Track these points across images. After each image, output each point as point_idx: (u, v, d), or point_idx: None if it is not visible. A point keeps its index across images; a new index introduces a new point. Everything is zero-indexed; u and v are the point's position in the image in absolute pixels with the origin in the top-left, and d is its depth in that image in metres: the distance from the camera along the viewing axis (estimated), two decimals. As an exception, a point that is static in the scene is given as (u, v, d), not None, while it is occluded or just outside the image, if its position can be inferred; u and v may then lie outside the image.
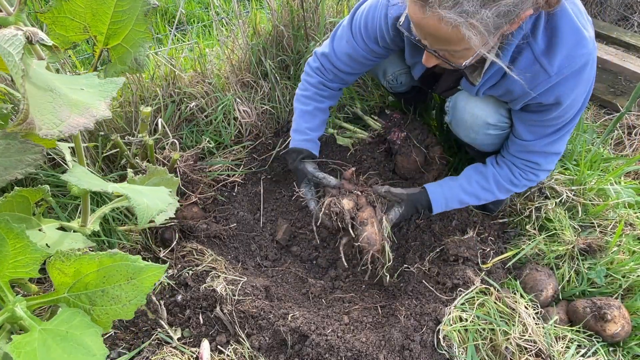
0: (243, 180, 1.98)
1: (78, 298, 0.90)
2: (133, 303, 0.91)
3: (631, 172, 1.99)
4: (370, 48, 1.52)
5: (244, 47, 2.17)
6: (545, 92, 1.23)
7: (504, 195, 1.56)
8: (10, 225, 0.82)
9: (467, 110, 1.47)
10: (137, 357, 1.33)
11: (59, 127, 0.68)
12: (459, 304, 1.44)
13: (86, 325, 0.85)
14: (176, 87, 2.01)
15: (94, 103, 0.74)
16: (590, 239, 1.61)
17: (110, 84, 0.82)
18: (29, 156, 0.91)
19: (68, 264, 0.87)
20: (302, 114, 1.75)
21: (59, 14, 0.94)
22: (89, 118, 0.71)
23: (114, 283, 0.90)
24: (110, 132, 1.81)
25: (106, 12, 0.97)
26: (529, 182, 1.50)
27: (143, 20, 0.99)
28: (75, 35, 0.98)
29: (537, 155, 1.42)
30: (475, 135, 1.51)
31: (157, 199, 1.05)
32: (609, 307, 1.40)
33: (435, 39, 1.09)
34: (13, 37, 0.68)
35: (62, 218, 1.52)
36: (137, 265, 0.91)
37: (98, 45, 1.00)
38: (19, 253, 0.85)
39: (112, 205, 1.35)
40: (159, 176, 1.51)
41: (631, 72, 2.38)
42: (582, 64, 1.19)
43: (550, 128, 1.34)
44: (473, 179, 1.55)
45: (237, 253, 1.72)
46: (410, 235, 1.75)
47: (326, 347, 1.31)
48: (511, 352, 1.33)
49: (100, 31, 0.99)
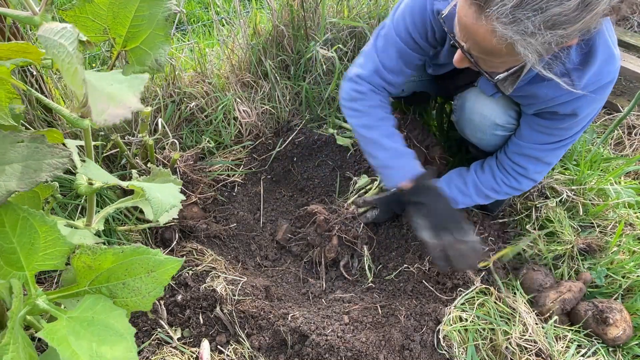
0: (243, 180, 1.98)
1: (99, 291, 0.93)
2: (152, 295, 0.95)
3: (631, 172, 1.99)
4: (419, 46, 1.39)
5: (244, 47, 2.17)
6: (565, 103, 1.22)
7: (484, 201, 1.54)
8: (44, 219, 0.85)
9: (476, 110, 1.45)
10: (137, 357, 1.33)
11: (102, 116, 0.71)
12: (459, 304, 1.44)
13: (110, 309, 0.88)
14: (176, 87, 2.02)
15: (127, 96, 0.77)
16: (590, 239, 1.61)
17: (137, 80, 0.85)
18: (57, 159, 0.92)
19: (94, 257, 0.90)
20: (382, 137, 1.47)
21: (81, 13, 0.96)
22: (126, 109, 0.74)
23: (135, 275, 0.93)
24: (110, 132, 1.81)
25: (127, 16, 0.98)
26: (511, 190, 1.48)
27: (163, 24, 1.01)
28: (95, 36, 1.00)
29: (528, 160, 1.40)
30: (482, 136, 1.49)
31: (169, 195, 1.08)
32: (611, 311, 1.39)
33: (478, 47, 1.04)
34: (63, 30, 0.71)
35: (63, 218, 1.52)
36: (157, 258, 0.94)
37: (116, 47, 1.02)
38: (49, 246, 0.88)
39: (117, 205, 1.36)
40: (163, 177, 1.51)
41: (631, 72, 2.38)
42: (608, 81, 1.18)
43: (554, 137, 1.33)
44: (453, 183, 1.55)
45: (237, 253, 1.72)
46: (410, 235, 1.75)
47: (326, 347, 1.32)
48: (511, 352, 1.33)
49: (120, 34, 1.00)
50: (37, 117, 1.65)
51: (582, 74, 1.15)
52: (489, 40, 0.97)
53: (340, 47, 2.16)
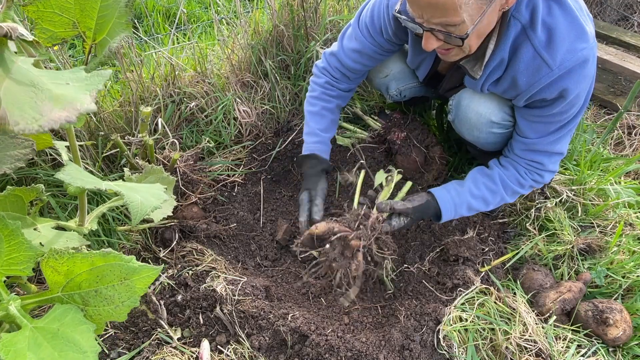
0: (243, 180, 1.98)
1: (71, 298, 0.89)
2: (126, 305, 0.90)
3: (631, 172, 1.99)
4: (377, 42, 1.53)
5: (244, 47, 2.17)
6: (549, 87, 1.23)
7: (511, 197, 1.51)
8: (5, 222, 0.81)
9: (471, 108, 1.46)
10: (137, 357, 1.33)
11: (39, 121, 0.67)
12: (459, 304, 1.44)
13: (78, 322, 0.84)
14: (176, 87, 2.01)
15: (78, 97, 0.73)
16: (590, 239, 1.61)
17: (97, 77, 0.81)
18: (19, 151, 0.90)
19: (61, 262, 0.86)
20: (312, 115, 1.75)
21: (45, 8, 0.92)
22: (72, 112, 0.70)
23: (107, 283, 0.89)
24: (110, 132, 1.81)
25: (94, 7, 0.95)
26: (535, 183, 1.48)
27: (124, 12, 0.99)
28: (65, 31, 0.96)
29: (541, 154, 1.41)
30: (479, 134, 1.50)
31: (151, 195, 1.04)
32: (611, 311, 1.39)
33: (432, 11, 1.08)
34: None
35: (62, 218, 1.52)
36: (130, 265, 0.89)
37: (87, 42, 0.99)
38: (13, 250, 0.84)
39: (110, 204, 1.35)
40: (156, 175, 1.51)
41: (631, 72, 2.38)
42: (584, 58, 1.19)
43: (553, 125, 1.34)
44: (480, 182, 1.51)
45: (237, 253, 1.72)
46: (410, 235, 1.75)
47: (326, 347, 1.32)
48: (511, 352, 1.33)
49: (89, 27, 0.97)
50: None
51: (552, 52, 1.17)
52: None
53: (340, 47, 2.16)
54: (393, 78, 1.76)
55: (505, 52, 1.22)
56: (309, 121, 1.75)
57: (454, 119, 1.58)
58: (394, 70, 1.75)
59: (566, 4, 1.17)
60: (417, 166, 1.84)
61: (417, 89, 1.79)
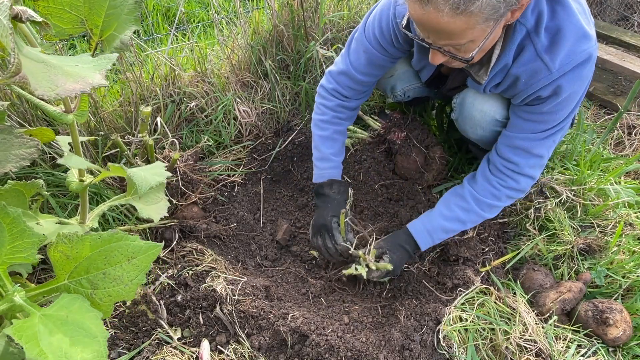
0: (243, 180, 1.98)
1: (79, 283, 0.90)
2: (134, 282, 0.92)
3: (631, 172, 1.99)
4: (389, 52, 1.50)
5: (244, 47, 2.17)
6: (546, 87, 1.24)
7: (490, 213, 1.50)
8: (6, 210, 0.82)
9: (476, 106, 1.47)
10: (137, 357, 1.33)
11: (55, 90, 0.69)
12: (459, 304, 1.44)
13: (86, 310, 0.85)
14: (176, 87, 2.01)
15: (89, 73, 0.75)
16: (590, 239, 1.61)
17: (104, 59, 0.82)
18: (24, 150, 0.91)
19: (71, 246, 0.87)
20: (323, 140, 1.71)
21: (55, 4, 0.94)
22: (85, 84, 0.72)
23: (115, 264, 0.90)
24: (110, 131, 1.81)
25: (102, 6, 0.97)
26: (512, 192, 1.45)
27: (134, 7, 1.00)
28: (72, 27, 0.98)
29: (519, 153, 1.38)
30: (482, 132, 1.51)
31: (153, 174, 1.08)
32: (611, 311, 1.39)
33: (438, 35, 1.09)
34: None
35: (62, 217, 1.52)
36: (137, 244, 0.91)
37: (94, 39, 1.00)
38: (16, 238, 0.84)
39: (110, 203, 1.35)
40: None
41: (631, 72, 2.38)
42: (583, 60, 1.19)
43: (541, 125, 1.33)
44: (451, 202, 1.51)
45: (237, 253, 1.72)
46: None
47: (326, 347, 1.32)
48: (511, 352, 1.33)
49: (96, 24, 0.99)
50: (36, 117, 1.65)
51: (553, 55, 1.18)
52: (440, 23, 1.02)
53: (340, 47, 2.16)
54: (398, 78, 1.76)
55: (509, 57, 1.23)
56: (320, 146, 1.72)
57: (458, 117, 1.58)
58: (399, 71, 1.74)
59: (569, 7, 1.17)
60: (417, 166, 1.84)
61: (420, 89, 1.79)
